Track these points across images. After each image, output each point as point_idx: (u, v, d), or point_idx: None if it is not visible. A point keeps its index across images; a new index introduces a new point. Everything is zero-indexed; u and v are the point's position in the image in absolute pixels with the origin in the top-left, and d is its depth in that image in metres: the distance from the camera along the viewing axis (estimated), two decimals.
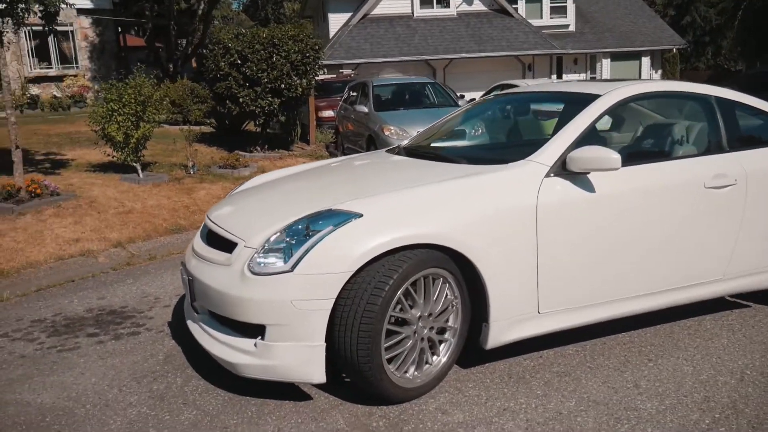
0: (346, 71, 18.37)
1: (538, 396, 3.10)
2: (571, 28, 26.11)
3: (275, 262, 2.86)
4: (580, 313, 3.42)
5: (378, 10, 22.07)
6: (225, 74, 9.96)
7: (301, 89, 10.26)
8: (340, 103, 12.99)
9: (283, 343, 2.81)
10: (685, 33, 32.35)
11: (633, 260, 3.47)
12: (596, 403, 3.03)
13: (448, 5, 22.42)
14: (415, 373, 3.04)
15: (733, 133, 3.88)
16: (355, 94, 11.91)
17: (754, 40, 18.27)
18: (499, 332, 3.17)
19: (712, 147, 3.85)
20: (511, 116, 4.66)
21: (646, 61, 26.79)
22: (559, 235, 3.24)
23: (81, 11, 18.59)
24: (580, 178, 3.32)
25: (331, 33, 23.48)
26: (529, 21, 24.71)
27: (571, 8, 25.97)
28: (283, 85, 9.97)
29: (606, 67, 26.41)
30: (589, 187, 3.32)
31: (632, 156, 3.70)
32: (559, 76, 26.26)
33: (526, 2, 25.39)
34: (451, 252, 2.99)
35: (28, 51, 19.01)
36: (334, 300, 2.78)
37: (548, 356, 3.56)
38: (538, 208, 3.18)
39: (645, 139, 4.08)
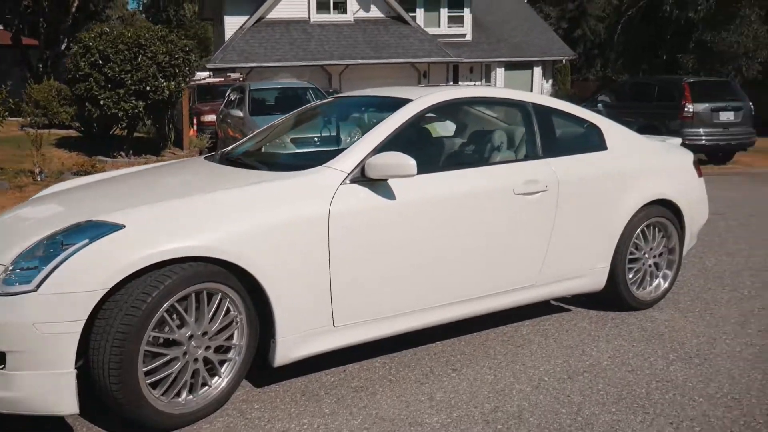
0: (234, 75, 17.90)
1: (324, 415, 2.96)
2: (468, 37, 26.71)
3: (20, 281, 2.57)
4: (383, 325, 3.31)
5: (274, 14, 21.72)
6: (85, 75, 9.39)
7: (168, 92, 9.81)
8: (221, 107, 12.60)
9: (26, 372, 2.52)
10: (576, 45, 33.81)
11: (440, 269, 3.41)
12: (382, 419, 2.92)
13: (345, 11, 22.37)
14: (189, 397, 2.82)
15: (549, 139, 3.92)
16: (234, 98, 11.57)
17: (632, 52, 19.28)
18: (288, 348, 3.01)
19: (527, 153, 3.87)
20: (332, 121, 4.54)
21: (537, 71, 27.80)
22: (355, 245, 3.12)
23: None
24: (380, 186, 3.22)
25: (228, 36, 22.89)
26: (427, 30, 25.08)
27: (468, 18, 26.58)
28: (148, 88, 9.51)
29: (500, 76, 27.19)
30: (389, 195, 3.23)
31: (447, 162, 3.64)
32: (456, 84, 26.76)
33: (425, 11, 25.77)
34: (230, 265, 2.80)
35: None
36: (83, 321, 2.52)
37: (351, 370, 3.44)
38: (330, 217, 3.05)
39: (466, 145, 4.07)
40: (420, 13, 25.66)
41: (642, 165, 4.22)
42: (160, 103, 9.94)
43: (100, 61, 9.32)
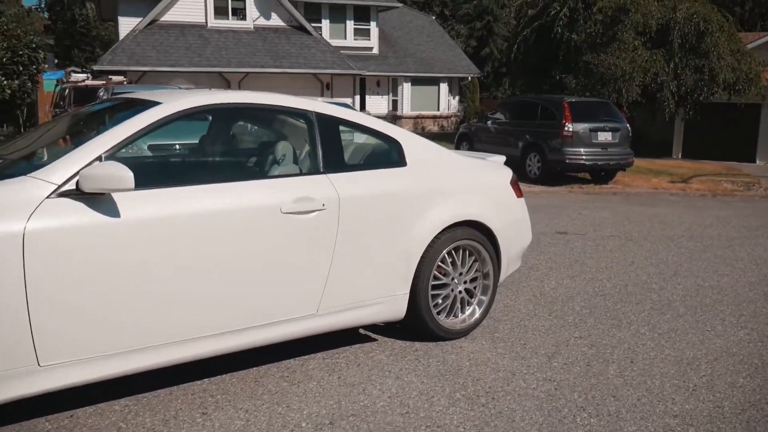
0: (117, 78, 16.89)
1: None
2: (375, 50, 26.59)
3: None
4: (110, 363, 2.79)
5: (168, 17, 20.76)
6: None
7: (10, 91, 8.92)
8: None
9: None
10: (485, 63, 34.50)
11: (183, 297, 2.92)
12: None
13: (244, 17, 21.68)
14: None
15: (333, 153, 3.52)
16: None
17: (529, 72, 19.60)
18: None
19: (304, 168, 3.47)
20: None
21: (444, 87, 28.01)
22: (62, 270, 2.60)
23: None
24: (101, 202, 2.71)
25: (122, 37, 21.72)
26: (333, 41, 24.74)
27: (374, 31, 26.46)
28: None
29: (407, 90, 27.20)
30: (112, 212, 2.73)
31: (198, 176, 3.16)
32: (362, 98, 26.58)
33: (330, 22, 25.45)
34: None
35: None
36: None
37: (80, 416, 2.90)
38: (26, 236, 2.51)
39: (226, 157, 3.59)
40: (326, 24, 25.32)
41: (447, 183, 3.90)
42: (2, 103, 9.01)
43: None
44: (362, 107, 26.53)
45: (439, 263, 3.89)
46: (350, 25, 25.91)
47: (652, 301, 5.05)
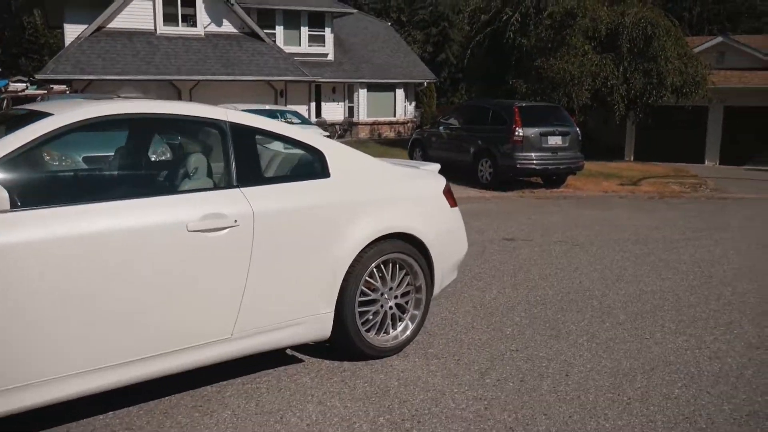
0: (58, 87, 16.33)
1: None
2: (330, 57, 26.38)
3: None
4: None
5: (115, 24, 20.20)
6: None
7: None
8: None
9: None
10: (441, 69, 34.63)
11: (67, 328, 2.67)
12: None
13: (195, 24, 21.23)
14: None
15: (248, 165, 3.31)
16: None
17: (481, 77, 19.66)
18: None
19: (215, 182, 3.25)
20: None
21: (400, 93, 27.96)
22: None
23: None
24: None
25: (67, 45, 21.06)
26: (288, 48, 24.45)
27: (329, 38, 26.27)
28: None
29: (363, 97, 27.04)
30: None
31: (92, 193, 2.91)
32: (318, 104, 26.34)
33: (284, 28, 25.15)
34: None
35: None
36: None
37: None
38: None
39: (127, 172, 3.34)
40: (279, 31, 25.02)
41: (373, 195, 3.73)
42: None
43: None
44: (318, 114, 26.31)
45: (367, 278, 3.71)
46: (305, 31, 25.66)
47: (593, 309, 4.97)
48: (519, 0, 17.88)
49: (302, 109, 25.25)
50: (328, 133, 11.99)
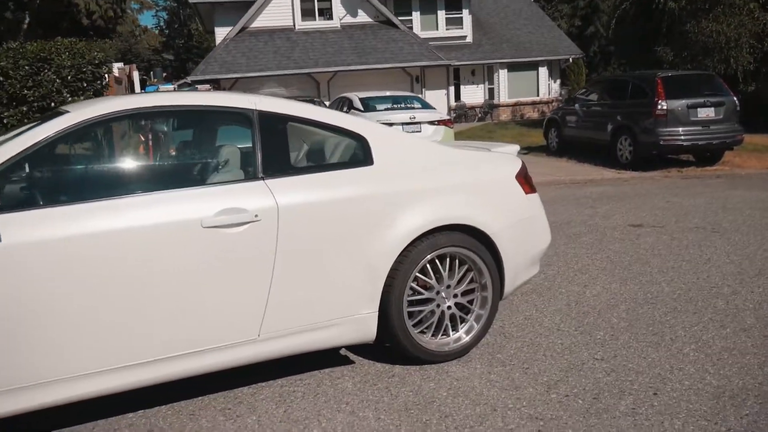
0: (202, 87, 17.40)
1: None
2: (469, 39, 25.70)
3: None
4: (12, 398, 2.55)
5: (258, 23, 21.19)
6: None
7: None
8: None
9: None
10: (591, 43, 32.48)
11: (93, 322, 2.63)
12: None
13: (331, 17, 21.68)
14: None
15: (276, 155, 3.08)
16: None
17: (629, 47, 18.04)
18: None
19: (237, 174, 3.07)
20: None
21: (543, 71, 26.54)
22: None
23: None
24: None
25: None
26: (425, 33, 24.21)
27: (467, 20, 25.58)
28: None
29: (503, 77, 26.05)
30: None
31: (107, 189, 2.82)
32: (457, 88, 25.83)
33: (421, 14, 24.88)
34: None
35: None
36: None
37: None
38: None
39: (142, 166, 3.17)
40: (416, 17, 24.80)
41: (425, 183, 3.33)
42: None
43: (1, 78, 8.84)
44: (457, 97, 25.82)
45: (418, 275, 3.35)
46: (441, 15, 25.21)
47: (715, 310, 4.18)
48: None
49: (441, 94, 24.96)
50: (448, 117, 11.57)
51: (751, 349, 3.55)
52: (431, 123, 10.90)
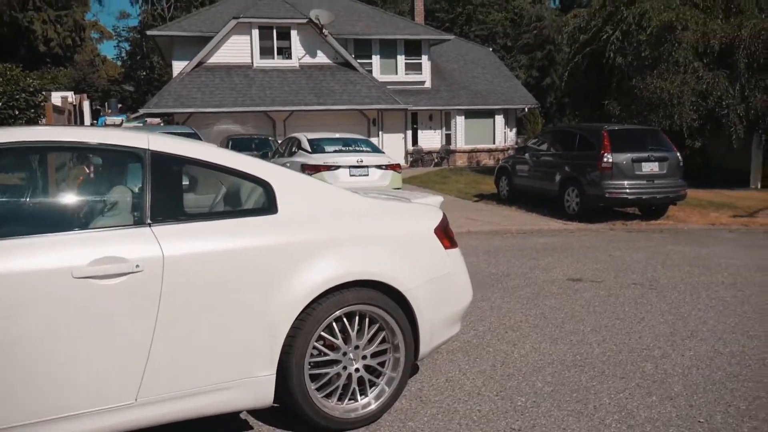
0: (152, 120, 17.03)
1: None
2: (427, 84, 25.99)
3: None
4: None
5: (215, 59, 21.01)
6: None
7: None
8: None
9: None
10: (547, 94, 33.28)
11: None
12: None
13: (290, 56, 21.65)
14: None
15: (167, 199, 2.83)
16: None
17: (580, 99, 18.44)
18: None
19: (121, 219, 2.79)
20: None
21: (500, 119, 26.96)
22: None
23: None
24: None
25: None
26: (385, 76, 24.39)
27: (426, 65, 25.90)
28: None
29: (460, 123, 26.34)
30: None
31: None
32: (414, 132, 25.98)
33: (380, 58, 25.08)
34: None
35: None
36: None
37: None
38: None
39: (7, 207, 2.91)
40: (376, 60, 25.01)
41: (333, 234, 3.12)
42: None
43: None
44: (414, 142, 25.95)
45: (324, 334, 3.09)
46: (401, 60, 25.48)
47: (643, 375, 4.01)
48: (621, 17, 16.58)
49: (398, 137, 25.06)
50: (397, 162, 11.45)
51: (676, 420, 3.38)
52: (379, 167, 10.77)
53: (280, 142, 15.47)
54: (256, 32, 21.24)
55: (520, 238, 9.95)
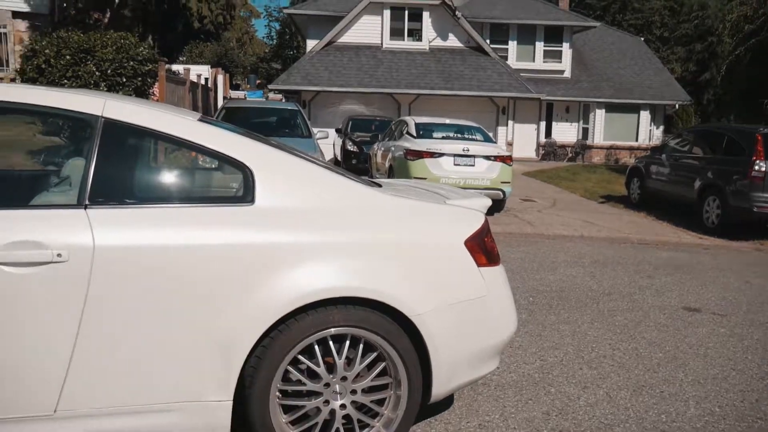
0: (273, 96, 17.15)
1: None
2: (567, 74, 24.25)
3: None
4: None
5: (345, 38, 20.87)
6: (30, 79, 8.86)
7: None
8: None
9: None
10: (705, 90, 30.01)
11: None
12: None
13: (420, 38, 21.01)
14: None
15: (114, 178, 2.34)
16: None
17: (738, 97, 16.22)
18: None
19: (52, 198, 2.35)
20: None
21: (645, 115, 24.59)
22: None
23: (17, 14, 18.05)
24: None
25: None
26: (520, 64, 23.10)
27: (567, 53, 24.17)
28: None
29: (600, 117, 24.36)
30: None
31: None
32: (549, 124, 24.44)
33: (518, 44, 23.77)
34: None
35: None
36: None
37: None
38: None
39: None
40: (512, 46, 23.72)
41: (325, 233, 2.47)
42: None
43: (43, 66, 8.76)
44: (547, 134, 24.45)
45: (301, 357, 2.48)
46: (540, 46, 23.98)
47: None
48: None
49: (530, 128, 23.77)
50: (509, 153, 10.49)
51: None
52: (487, 158, 9.88)
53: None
54: (387, 12, 20.82)
55: (640, 249, 8.69)
